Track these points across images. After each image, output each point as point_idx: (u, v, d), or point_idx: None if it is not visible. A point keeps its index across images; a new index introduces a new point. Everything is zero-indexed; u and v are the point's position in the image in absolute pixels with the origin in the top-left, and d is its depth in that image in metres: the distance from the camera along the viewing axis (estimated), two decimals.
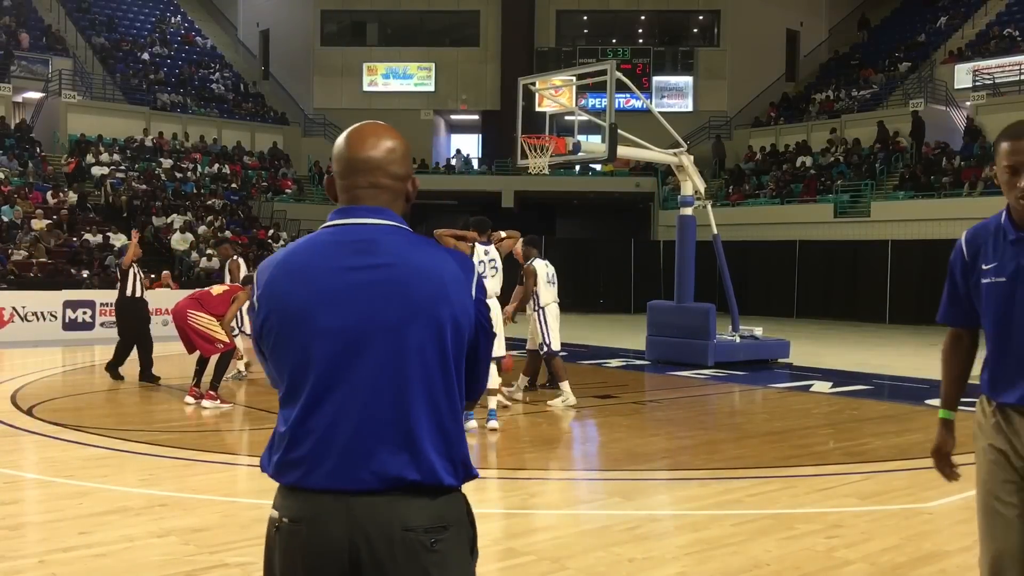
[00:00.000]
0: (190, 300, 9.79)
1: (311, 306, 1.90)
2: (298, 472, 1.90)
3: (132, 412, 9.49)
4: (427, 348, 1.90)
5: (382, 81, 35.20)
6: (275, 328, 1.93)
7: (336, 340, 1.89)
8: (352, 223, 1.97)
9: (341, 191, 2.03)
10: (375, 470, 1.86)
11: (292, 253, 1.97)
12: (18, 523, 5.44)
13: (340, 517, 1.85)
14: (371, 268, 1.91)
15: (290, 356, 1.92)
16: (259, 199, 29.15)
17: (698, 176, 14.62)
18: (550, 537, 5.19)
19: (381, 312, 1.89)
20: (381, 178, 2.00)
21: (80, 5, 34.18)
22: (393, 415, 1.88)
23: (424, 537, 1.85)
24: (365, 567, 1.84)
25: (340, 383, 1.88)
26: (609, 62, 14.70)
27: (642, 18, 35.49)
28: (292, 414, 1.91)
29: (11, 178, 24.12)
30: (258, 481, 6.46)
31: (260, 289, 1.97)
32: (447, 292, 1.93)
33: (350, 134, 2.04)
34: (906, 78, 30.95)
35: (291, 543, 1.89)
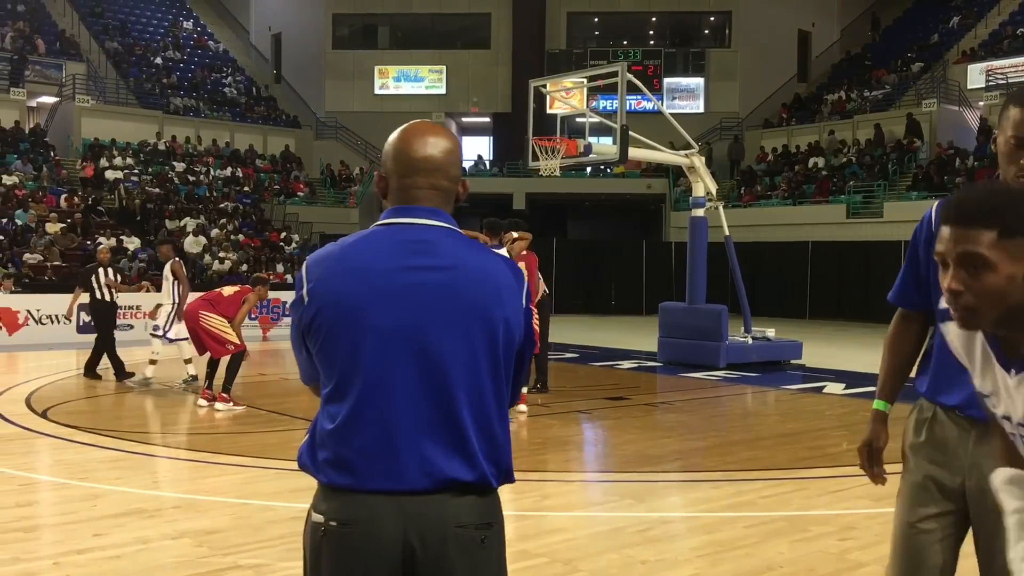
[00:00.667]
0: (202, 301, 9.83)
1: (366, 304, 1.89)
2: (347, 471, 1.88)
3: (146, 415, 9.54)
4: (480, 352, 1.91)
5: (393, 84, 35.27)
6: (326, 324, 1.90)
7: (390, 339, 1.88)
8: (409, 223, 1.96)
9: (397, 190, 2.01)
10: (428, 470, 1.87)
11: (348, 249, 1.95)
12: (33, 525, 5.48)
13: (393, 517, 1.85)
14: (429, 269, 1.91)
15: (341, 353, 1.90)
16: (271, 202, 29.25)
17: (710, 177, 14.61)
18: (563, 539, 5.19)
19: (437, 313, 1.89)
20: (440, 179, 2.00)
21: (94, 10, 34.39)
22: (445, 416, 1.89)
23: (475, 533, 1.89)
24: (420, 565, 1.86)
25: (392, 383, 1.88)
26: (620, 64, 14.71)
27: (653, 19, 35.46)
28: (341, 412, 1.89)
29: (26, 182, 24.27)
30: (271, 483, 6.49)
31: (311, 284, 1.93)
32: (501, 298, 1.94)
33: (410, 133, 2.02)
34: (919, 78, 30.83)
35: (342, 546, 1.87)
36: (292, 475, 6.61)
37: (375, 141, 33.95)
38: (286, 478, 6.59)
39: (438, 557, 1.86)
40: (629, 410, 9.93)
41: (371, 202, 32.01)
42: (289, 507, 5.69)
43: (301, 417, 9.02)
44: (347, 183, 32.23)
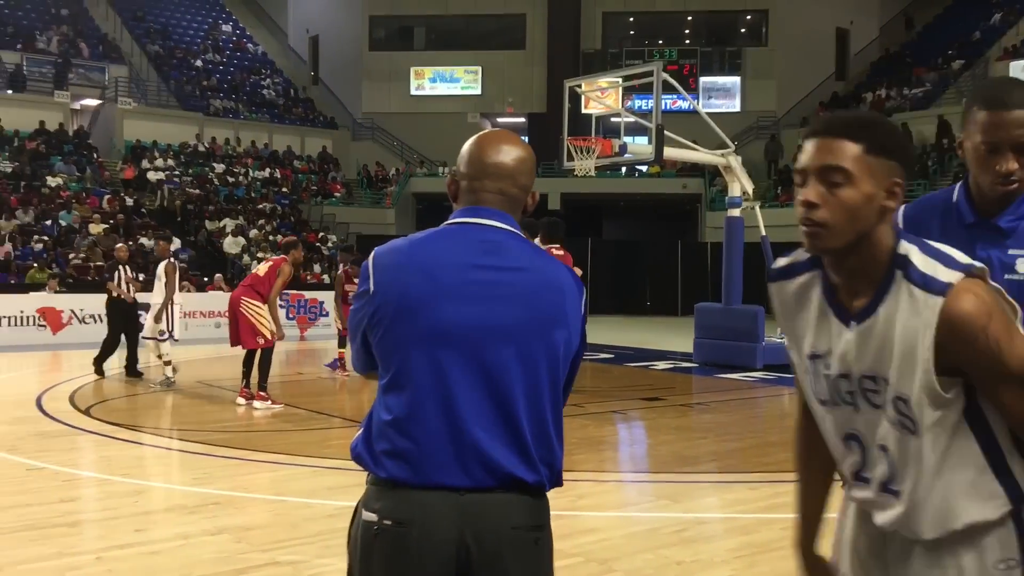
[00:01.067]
0: (244, 287, 9.83)
1: (431, 299, 1.91)
2: (407, 464, 1.87)
3: (186, 413, 9.67)
4: (540, 355, 1.94)
5: (429, 85, 35.42)
6: (389, 316, 1.92)
7: (452, 335, 1.90)
8: (478, 222, 2.00)
9: (467, 192, 2.04)
10: (489, 466, 1.88)
11: (416, 244, 1.98)
12: (76, 520, 5.58)
13: (451, 516, 1.85)
14: (498, 269, 1.94)
15: (402, 345, 1.91)
16: (309, 203, 29.50)
17: (746, 177, 14.50)
18: (598, 539, 5.19)
19: (502, 314, 1.92)
20: (509, 186, 2.03)
21: (135, 14, 34.92)
22: (503, 415, 1.90)
23: (529, 535, 1.91)
24: (475, 565, 1.86)
25: (453, 377, 1.89)
26: (656, 63, 14.64)
27: (689, 19, 35.27)
28: (400, 403, 1.90)
29: (69, 183, 24.70)
30: (309, 480, 6.55)
31: (378, 276, 1.96)
32: (565, 304, 1.98)
33: (484, 139, 2.07)
34: (959, 76, 30.37)
35: (397, 546, 1.86)
36: (329, 472, 6.68)
37: (411, 142, 34.12)
38: (323, 476, 6.66)
39: (493, 558, 1.86)
40: (664, 411, 9.90)
41: (407, 203, 32.16)
42: (326, 504, 5.75)
43: (337, 416, 9.10)
44: (383, 184, 32.42)
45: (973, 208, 2.20)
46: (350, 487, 6.17)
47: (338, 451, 7.54)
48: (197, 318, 18.32)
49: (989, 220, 2.17)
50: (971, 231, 2.18)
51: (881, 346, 1.71)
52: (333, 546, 4.88)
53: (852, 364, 1.76)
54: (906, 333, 1.67)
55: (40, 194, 23.44)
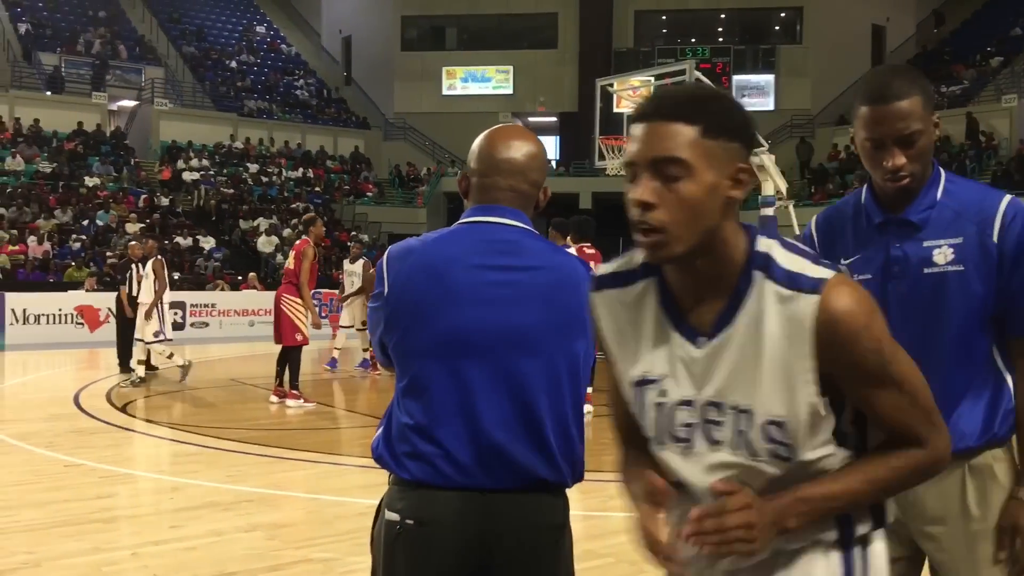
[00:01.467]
0: (284, 284, 9.81)
1: (449, 303, 1.89)
2: (429, 466, 1.86)
3: (221, 410, 9.76)
4: (560, 354, 1.92)
5: (461, 85, 35.48)
6: (406, 319, 1.91)
7: (472, 338, 1.88)
8: (493, 222, 1.97)
9: (478, 189, 2.01)
10: (511, 467, 1.87)
11: (430, 245, 1.96)
12: (113, 516, 5.65)
13: (473, 516, 1.85)
14: (513, 269, 1.92)
15: (420, 348, 1.90)
16: (341, 202, 29.67)
17: (780, 176, 14.37)
18: (629, 540, 5.16)
19: (520, 314, 1.90)
20: (520, 182, 2.00)
21: (171, 16, 35.33)
22: (525, 414, 1.89)
23: (549, 535, 1.91)
24: (496, 564, 1.86)
25: (473, 381, 1.88)
26: (688, 61, 14.57)
27: (722, 16, 35.03)
28: (421, 406, 1.89)
29: (107, 183, 25.04)
30: (341, 479, 6.59)
31: (392, 278, 1.94)
32: (582, 300, 1.93)
33: (495, 135, 2.04)
34: (998, 73, 29.90)
35: (420, 546, 1.86)
36: (361, 471, 6.71)
37: (443, 141, 34.20)
38: (355, 474, 6.69)
39: (515, 557, 1.86)
40: None
41: (439, 202, 32.24)
42: (358, 503, 5.78)
43: (369, 414, 9.15)
44: (415, 183, 32.52)
45: (879, 206, 2.11)
46: (383, 485, 6.18)
47: (370, 449, 7.58)
48: (231, 316, 18.50)
49: (898, 216, 2.08)
50: (882, 230, 2.10)
51: (739, 363, 1.44)
52: (365, 544, 4.88)
53: (698, 388, 1.48)
54: (775, 342, 1.41)
55: (78, 194, 23.79)
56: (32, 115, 26.53)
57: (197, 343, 17.10)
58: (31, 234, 20.67)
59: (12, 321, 16.14)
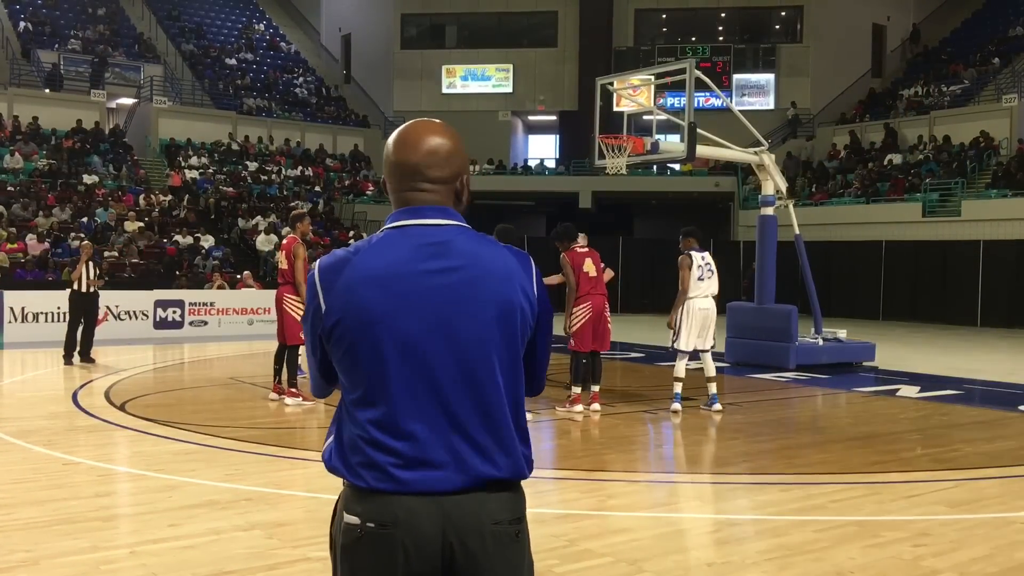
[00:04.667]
0: (283, 284, 9.86)
1: (389, 311, 1.89)
2: (385, 475, 1.88)
3: (219, 409, 9.76)
4: (501, 346, 1.94)
5: (460, 83, 35.48)
6: (350, 334, 1.90)
7: (416, 345, 1.89)
8: (420, 223, 1.96)
9: (395, 192, 2.02)
10: (467, 470, 1.90)
11: (363, 256, 1.94)
12: (111, 515, 5.65)
13: (433, 518, 1.87)
14: (447, 271, 1.92)
15: (367, 361, 1.90)
16: (340, 201, 29.66)
17: (779, 175, 14.36)
18: (628, 539, 5.16)
19: (459, 315, 1.91)
20: (435, 177, 1.99)
21: (170, 14, 35.32)
22: (478, 414, 1.91)
23: (510, 529, 1.93)
24: (459, 563, 1.88)
25: (423, 386, 1.89)
26: (688, 60, 14.54)
27: (722, 15, 35.04)
28: (373, 417, 1.90)
29: (105, 181, 25.02)
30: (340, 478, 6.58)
31: (327, 292, 1.93)
32: (514, 289, 1.96)
33: (401, 136, 2.03)
34: (999, 72, 29.90)
35: (381, 548, 1.87)
36: None
37: None
38: None
39: (476, 554, 1.88)
40: (696, 411, 9.83)
41: None
42: None
43: None
44: None
45: None
46: None
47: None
48: (230, 315, 18.48)
49: None
50: None
51: None
52: None
53: None
54: None
55: (77, 192, 23.77)
56: (31, 113, 26.53)
57: (196, 341, 17.10)
58: (30, 232, 20.66)
59: (11, 319, 16.12)
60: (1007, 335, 20.82)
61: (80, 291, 13.19)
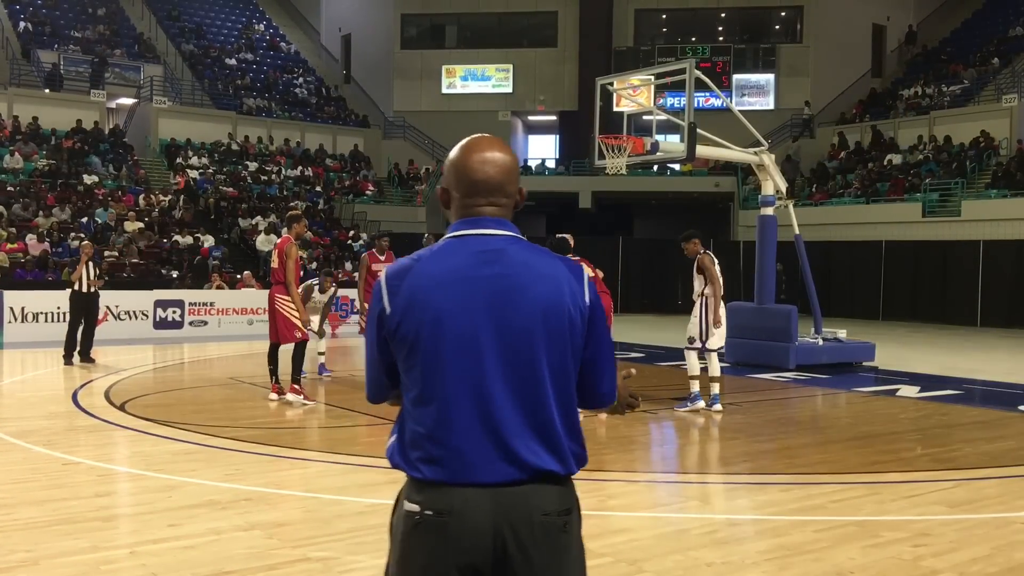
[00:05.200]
0: (275, 284, 9.88)
1: (448, 312, 2.03)
2: (441, 468, 2.02)
3: (219, 409, 9.76)
4: (548, 345, 2.06)
5: (460, 83, 35.48)
6: (412, 334, 2.04)
7: (471, 343, 2.03)
8: (481, 234, 2.12)
9: (460, 207, 2.16)
10: (518, 463, 2.03)
11: (426, 262, 2.09)
12: (111, 515, 5.65)
13: (485, 507, 2.00)
14: (500, 277, 2.06)
15: (428, 360, 2.04)
16: (340, 201, 29.66)
17: (779, 175, 14.36)
18: (628, 539, 5.16)
19: (508, 315, 2.04)
20: (500, 198, 2.15)
21: (170, 14, 35.31)
22: (530, 410, 2.04)
23: (558, 520, 2.06)
24: (510, 552, 2.00)
25: (476, 383, 2.03)
26: (688, 60, 14.54)
27: (722, 15, 35.03)
28: (431, 414, 2.03)
29: (105, 181, 25.02)
30: (340, 478, 6.58)
31: (395, 296, 2.07)
32: (562, 294, 2.09)
33: (469, 152, 2.15)
34: (999, 72, 29.90)
35: (438, 534, 2.00)
36: (360, 469, 6.71)
37: (443, 140, 34.19)
38: (354, 473, 6.69)
39: (526, 544, 2.00)
40: (695, 411, 9.83)
41: (437, 201, 32.22)
42: (357, 501, 5.78)
43: (369, 413, 9.13)
44: (415, 182, 32.51)
45: None
46: (381, 484, 6.19)
47: (369, 448, 7.56)
48: (230, 315, 18.49)
49: None
50: None
51: None
52: (364, 543, 4.90)
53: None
54: None
55: (76, 192, 23.76)
56: (31, 113, 26.52)
57: (196, 341, 17.10)
58: (30, 232, 20.66)
59: (11, 319, 16.12)
60: (1007, 335, 20.83)
61: (80, 291, 13.22)
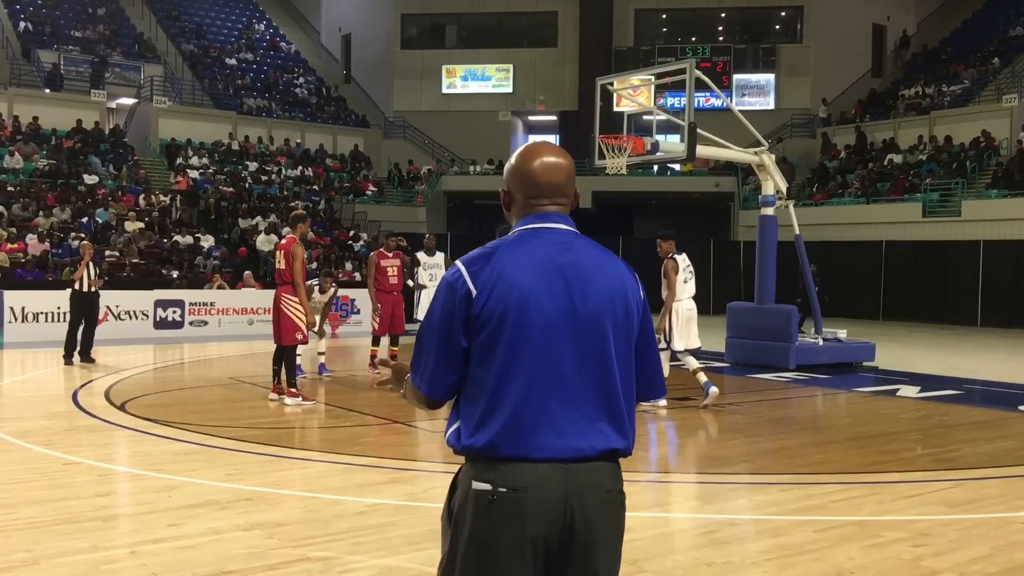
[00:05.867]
0: (281, 284, 9.84)
1: (534, 293, 2.16)
2: (518, 443, 2.12)
3: (219, 409, 9.76)
4: (615, 330, 2.22)
5: (461, 83, 35.48)
6: (500, 312, 2.15)
7: (551, 324, 2.16)
8: (550, 227, 2.28)
9: (524, 207, 2.31)
10: (590, 441, 2.16)
11: (508, 250, 2.22)
12: (111, 515, 5.65)
13: (558, 483, 2.12)
14: (575, 264, 2.22)
15: (512, 336, 2.14)
16: (340, 201, 29.65)
17: (779, 175, 14.36)
18: (628, 539, 5.12)
19: (588, 301, 2.20)
20: (562, 199, 2.33)
21: (171, 14, 35.31)
22: (601, 390, 2.19)
23: (619, 496, 2.23)
24: (577, 526, 2.13)
25: (554, 364, 2.15)
26: (688, 60, 14.54)
27: (722, 15, 35.04)
28: (508, 390, 2.13)
29: (105, 181, 25.01)
30: (340, 478, 6.58)
31: (478, 278, 2.17)
32: (626, 288, 2.28)
33: (533, 157, 2.31)
34: (999, 72, 29.90)
35: (512, 510, 2.10)
36: (360, 469, 6.71)
37: (443, 140, 34.21)
38: (354, 473, 6.69)
39: (592, 518, 2.14)
40: (695, 411, 9.84)
41: (438, 201, 32.22)
42: (357, 501, 5.78)
43: (368, 413, 9.13)
44: (415, 182, 32.51)
45: None
46: (381, 484, 6.20)
47: (369, 448, 7.57)
48: (230, 315, 18.49)
49: None
50: None
51: None
52: (364, 543, 4.90)
53: None
54: None
55: (77, 192, 23.76)
56: (31, 113, 26.52)
57: (196, 341, 17.10)
58: (30, 232, 20.65)
59: (11, 319, 16.13)
60: (1007, 335, 20.82)
61: (81, 291, 13.23)
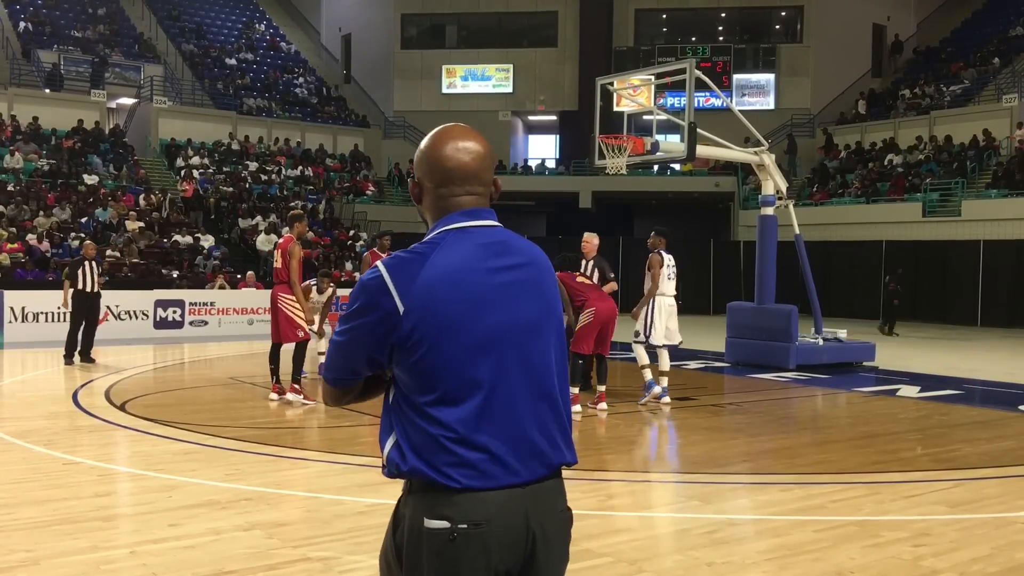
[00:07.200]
0: (278, 283, 9.91)
1: (471, 309, 1.93)
2: (473, 471, 1.90)
3: (219, 409, 9.76)
4: (556, 340, 2.08)
5: (461, 83, 35.47)
6: (429, 335, 1.90)
7: (493, 342, 1.95)
8: (480, 225, 2.02)
9: (436, 198, 2.04)
10: (544, 459, 2.00)
11: (438, 257, 1.95)
12: (111, 515, 5.65)
13: (520, 508, 1.94)
14: (511, 268, 2.01)
15: (448, 361, 1.91)
16: (340, 201, 29.65)
17: (779, 175, 14.37)
18: (628, 539, 5.16)
19: (525, 310, 2.01)
20: (476, 186, 2.05)
21: (171, 14, 35.30)
22: (548, 406, 2.02)
23: (568, 515, 2.08)
24: (538, 549, 1.97)
25: (501, 382, 1.95)
26: (688, 60, 14.54)
27: (722, 15, 35.03)
28: (458, 415, 1.91)
29: (105, 181, 25.01)
30: (340, 477, 6.58)
31: (408, 294, 1.91)
32: (555, 288, 2.12)
33: (440, 141, 2.04)
34: (999, 72, 29.89)
35: (476, 547, 1.89)
36: (360, 470, 6.71)
37: None
38: (354, 473, 6.69)
39: (550, 539, 1.99)
40: (696, 411, 9.84)
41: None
42: (358, 501, 5.78)
43: (368, 413, 9.13)
44: None
45: None
46: (381, 484, 6.19)
47: (369, 448, 7.56)
48: (230, 315, 18.49)
49: None
50: None
51: None
52: (364, 543, 4.90)
53: None
54: None
55: (77, 192, 23.76)
56: (31, 113, 26.51)
57: (196, 341, 17.10)
58: (30, 232, 20.65)
59: (11, 319, 16.13)
60: (1007, 335, 20.82)
61: (82, 291, 13.21)
